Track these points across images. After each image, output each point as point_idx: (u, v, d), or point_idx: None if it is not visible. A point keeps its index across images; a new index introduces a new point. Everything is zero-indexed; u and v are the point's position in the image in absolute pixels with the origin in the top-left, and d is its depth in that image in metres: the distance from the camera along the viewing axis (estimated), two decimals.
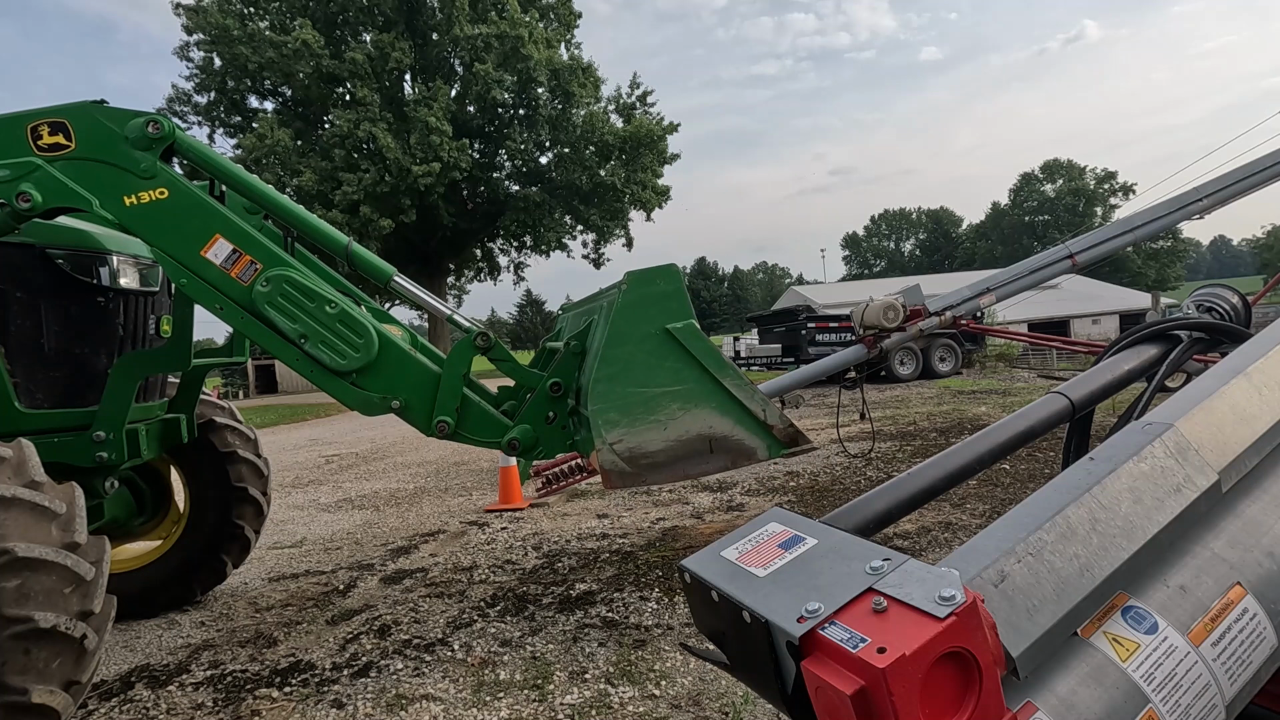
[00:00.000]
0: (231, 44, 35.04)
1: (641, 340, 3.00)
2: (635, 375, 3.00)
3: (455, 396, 3.38)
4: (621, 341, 3.00)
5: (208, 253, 3.24)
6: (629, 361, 3.00)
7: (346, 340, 3.27)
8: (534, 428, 3.40)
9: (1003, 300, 6.90)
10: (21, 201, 3.00)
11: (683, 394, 3.01)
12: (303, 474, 10.77)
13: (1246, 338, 1.13)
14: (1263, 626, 0.74)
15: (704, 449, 3.02)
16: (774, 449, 3.08)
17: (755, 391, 3.09)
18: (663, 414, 2.99)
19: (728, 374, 3.04)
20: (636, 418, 2.98)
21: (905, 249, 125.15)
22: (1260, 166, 6.61)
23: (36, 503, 2.58)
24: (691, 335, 3.02)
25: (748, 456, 3.08)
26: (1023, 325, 28.95)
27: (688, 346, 3.01)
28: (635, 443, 2.98)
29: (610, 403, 2.99)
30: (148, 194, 3.20)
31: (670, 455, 3.01)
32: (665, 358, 3.01)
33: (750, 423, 3.05)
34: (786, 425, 3.08)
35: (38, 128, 3.15)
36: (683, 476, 3.08)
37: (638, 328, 3.01)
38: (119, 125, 3.19)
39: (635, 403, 2.99)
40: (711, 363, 3.03)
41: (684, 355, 3.01)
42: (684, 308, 3.05)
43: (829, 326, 20.28)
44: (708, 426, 3.02)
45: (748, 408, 3.05)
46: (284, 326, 3.24)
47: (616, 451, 2.97)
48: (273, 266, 3.25)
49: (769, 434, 3.06)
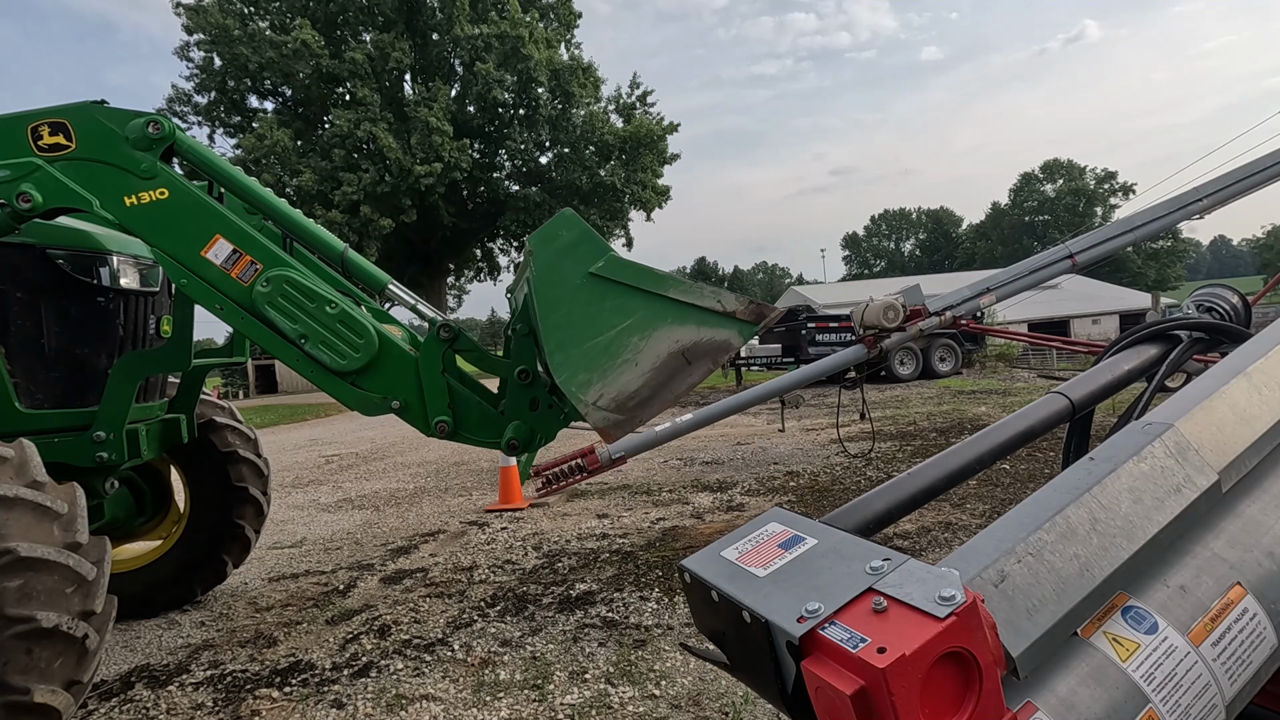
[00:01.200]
0: (231, 44, 35.04)
1: (572, 296, 2.92)
2: (584, 330, 2.92)
3: (442, 395, 3.36)
4: (554, 306, 2.93)
5: (208, 253, 3.24)
6: (570, 321, 2.93)
7: (346, 341, 3.26)
8: (524, 421, 3.36)
9: (1003, 300, 6.88)
10: (22, 202, 3.00)
11: (636, 324, 2.92)
12: (303, 474, 10.78)
13: (1246, 338, 1.13)
14: (1263, 626, 0.74)
15: (680, 364, 2.94)
16: (745, 330, 2.99)
17: (702, 288, 3.00)
18: (627, 352, 2.92)
19: (668, 285, 2.95)
20: (605, 368, 2.91)
21: (905, 249, 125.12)
22: (1260, 166, 6.60)
23: (38, 503, 2.58)
24: (616, 267, 2.94)
25: (724, 349, 2.99)
26: (1023, 325, 28.95)
27: (618, 279, 2.93)
28: (615, 391, 2.91)
29: (574, 367, 2.92)
30: (148, 194, 3.20)
31: (653, 386, 2.93)
32: (603, 300, 2.93)
33: (712, 318, 2.96)
34: (746, 305, 2.98)
35: (38, 128, 3.15)
36: (675, 399, 2.99)
37: (562, 286, 2.93)
38: (119, 126, 3.19)
39: (596, 354, 2.91)
40: (649, 282, 2.95)
41: (619, 288, 2.93)
42: (596, 246, 2.96)
43: (829, 326, 20.24)
44: (674, 342, 2.94)
45: (703, 306, 2.95)
46: (284, 327, 3.24)
47: (602, 408, 2.91)
48: (273, 267, 3.25)
49: (733, 320, 2.97)
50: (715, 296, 2.97)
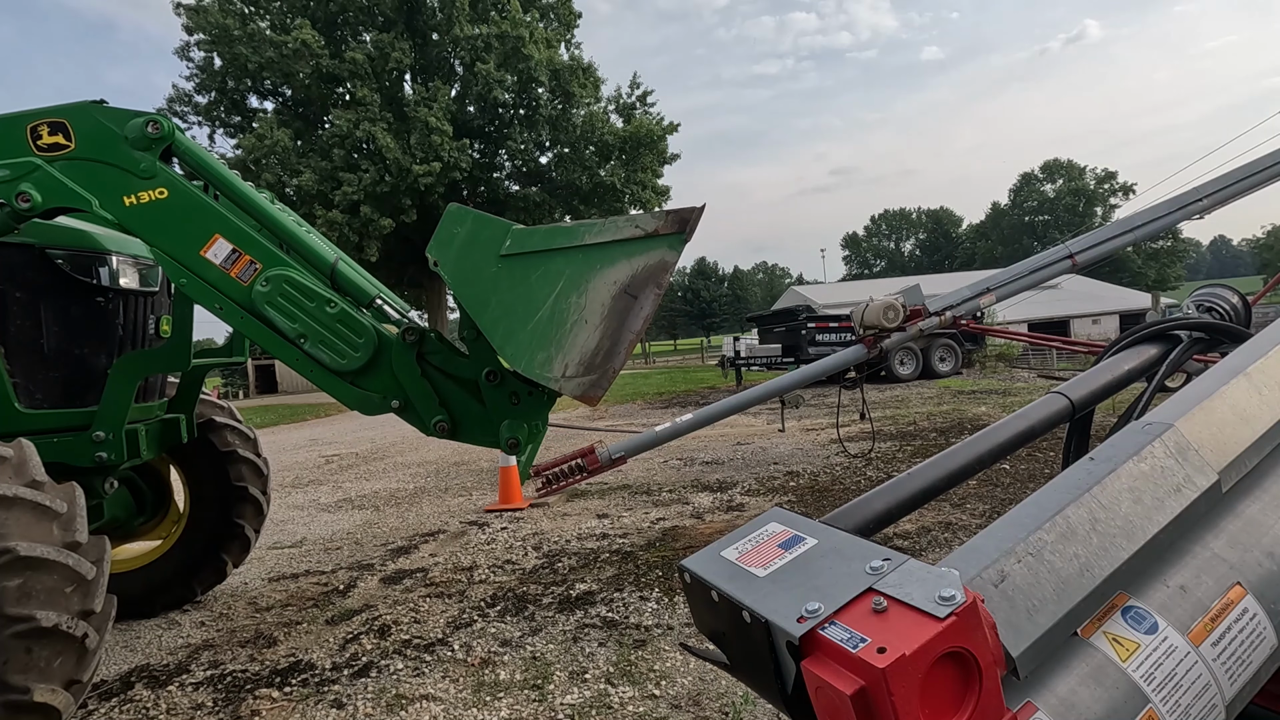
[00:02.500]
0: (232, 44, 35.05)
1: (495, 285, 2.89)
2: (521, 313, 2.89)
3: (429, 396, 3.35)
4: (483, 304, 2.90)
5: (207, 253, 3.24)
6: (505, 310, 2.89)
7: (346, 340, 3.26)
8: (512, 418, 3.34)
9: (1003, 300, 6.88)
10: (21, 201, 3.00)
11: (568, 284, 2.88)
12: (303, 474, 10.78)
13: (1246, 338, 1.13)
14: (1263, 626, 0.74)
15: (627, 302, 2.89)
16: (674, 243, 2.92)
17: (617, 220, 2.96)
18: (572, 314, 2.88)
19: (581, 233, 2.92)
20: (558, 338, 2.88)
21: (905, 249, 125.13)
22: (1260, 166, 6.60)
23: (38, 502, 2.58)
24: (524, 240, 2.90)
25: (662, 270, 2.92)
26: (1023, 325, 28.96)
27: (531, 249, 2.90)
28: (577, 356, 2.88)
29: (529, 351, 2.89)
30: (147, 194, 3.20)
31: (611, 334, 2.89)
32: (527, 275, 2.89)
33: (639, 245, 2.91)
34: (666, 218, 2.92)
35: (37, 128, 3.15)
36: (637, 336, 2.94)
37: (481, 281, 2.90)
38: (119, 125, 3.19)
39: (544, 330, 2.88)
40: (562, 239, 2.92)
41: (537, 258, 2.90)
42: (495, 229, 2.92)
43: (829, 326, 20.24)
44: (612, 284, 2.89)
45: (624, 239, 2.91)
46: (283, 326, 3.24)
47: (572, 376, 2.88)
48: (272, 266, 3.25)
49: (659, 239, 2.91)
50: (632, 223, 2.93)
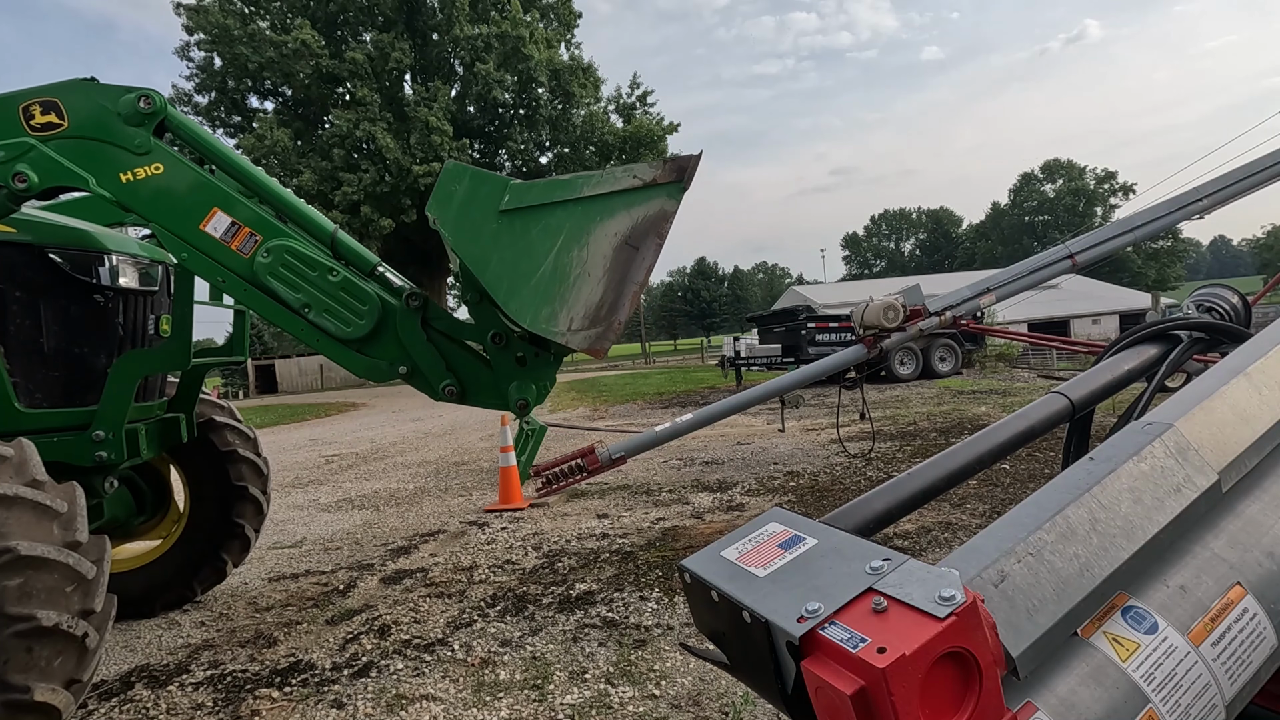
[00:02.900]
0: (232, 44, 35.05)
1: (496, 242, 2.87)
2: (524, 269, 2.87)
3: (437, 361, 3.35)
4: (484, 262, 2.87)
5: (206, 226, 3.24)
6: (507, 266, 2.88)
7: (350, 308, 3.27)
8: (520, 379, 3.35)
9: (1003, 300, 6.89)
10: (18, 182, 3.00)
11: (569, 238, 2.87)
12: (303, 474, 10.78)
13: (1246, 338, 1.13)
14: (1263, 626, 0.74)
15: (629, 253, 2.88)
16: (673, 192, 2.91)
17: (614, 171, 2.94)
18: (575, 267, 2.86)
19: (579, 186, 2.90)
20: (561, 292, 2.86)
21: (905, 249, 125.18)
22: (1260, 166, 6.60)
23: (38, 502, 2.58)
24: (523, 194, 2.88)
25: (662, 220, 2.92)
26: (1023, 325, 28.95)
27: (530, 204, 2.88)
28: (582, 309, 2.87)
29: (533, 306, 2.87)
30: (143, 170, 3.21)
31: (614, 286, 2.89)
32: (527, 230, 2.87)
33: (638, 195, 2.90)
34: (663, 166, 2.91)
35: (29, 107, 3.14)
36: (640, 287, 2.94)
37: (481, 239, 2.87)
38: (111, 102, 3.19)
39: (547, 285, 2.86)
40: (560, 192, 2.89)
41: (536, 212, 2.88)
42: (493, 186, 2.89)
43: (829, 326, 20.24)
44: (613, 236, 2.88)
45: (622, 189, 2.89)
46: (287, 297, 3.24)
47: (577, 329, 2.88)
48: (272, 237, 3.25)
49: (657, 188, 2.91)
50: (629, 173, 2.91)
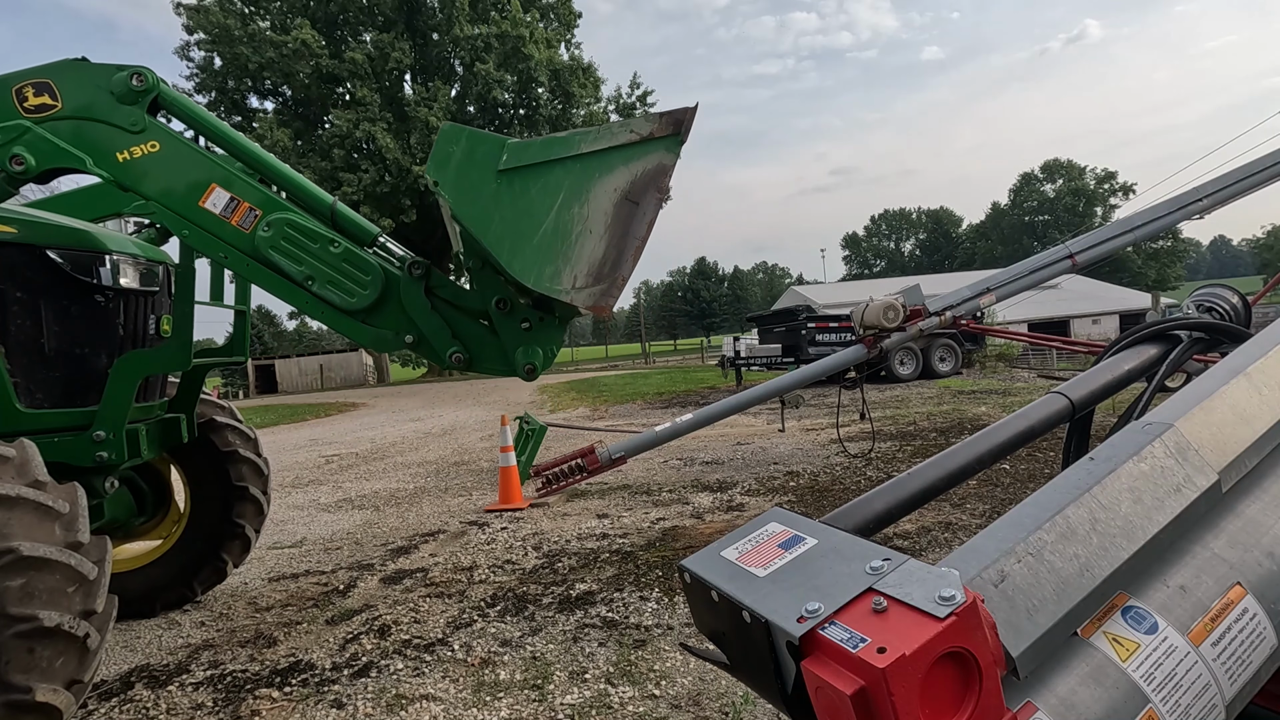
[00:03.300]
0: (232, 44, 35.08)
1: (496, 202, 2.86)
2: (525, 228, 2.86)
3: (443, 329, 3.36)
4: (486, 222, 2.86)
5: (206, 203, 3.25)
6: (508, 225, 2.86)
7: (353, 279, 3.27)
8: (526, 345, 3.35)
9: (1003, 300, 6.90)
10: (15, 165, 3.00)
11: (569, 195, 2.86)
12: (303, 474, 10.78)
13: (1246, 338, 1.13)
14: (1263, 626, 0.74)
15: (630, 208, 2.87)
16: (671, 145, 2.89)
17: (611, 126, 2.93)
18: (576, 224, 2.86)
19: (578, 142, 2.89)
20: (564, 250, 2.86)
21: (905, 249, 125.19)
22: (1260, 166, 6.61)
23: (40, 502, 2.59)
24: (521, 153, 2.87)
25: (661, 174, 2.90)
26: (1023, 325, 28.94)
27: (529, 163, 2.87)
28: (585, 266, 2.87)
29: (536, 265, 2.86)
30: (139, 148, 3.21)
31: (616, 242, 2.88)
32: (526, 190, 2.86)
33: (635, 150, 2.88)
34: (659, 120, 2.89)
35: (22, 89, 3.14)
36: (642, 243, 2.93)
37: (481, 199, 2.86)
38: (103, 81, 3.18)
39: (549, 243, 2.86)
40: (558, 150, 2.88)
41: (535, 170, 2.87)
42: (491, 146, 2.88)
43: (829, 326, 20.23)
44: (613, 191, 2.87)
45: (620, 144, 2.88)
46: (290, 270, 3.24)
47: (581, 287, 2.87)
48: (272, 211, 3.26)
49: (655, 141, 2.89)
50: (627, 128, 2.90)
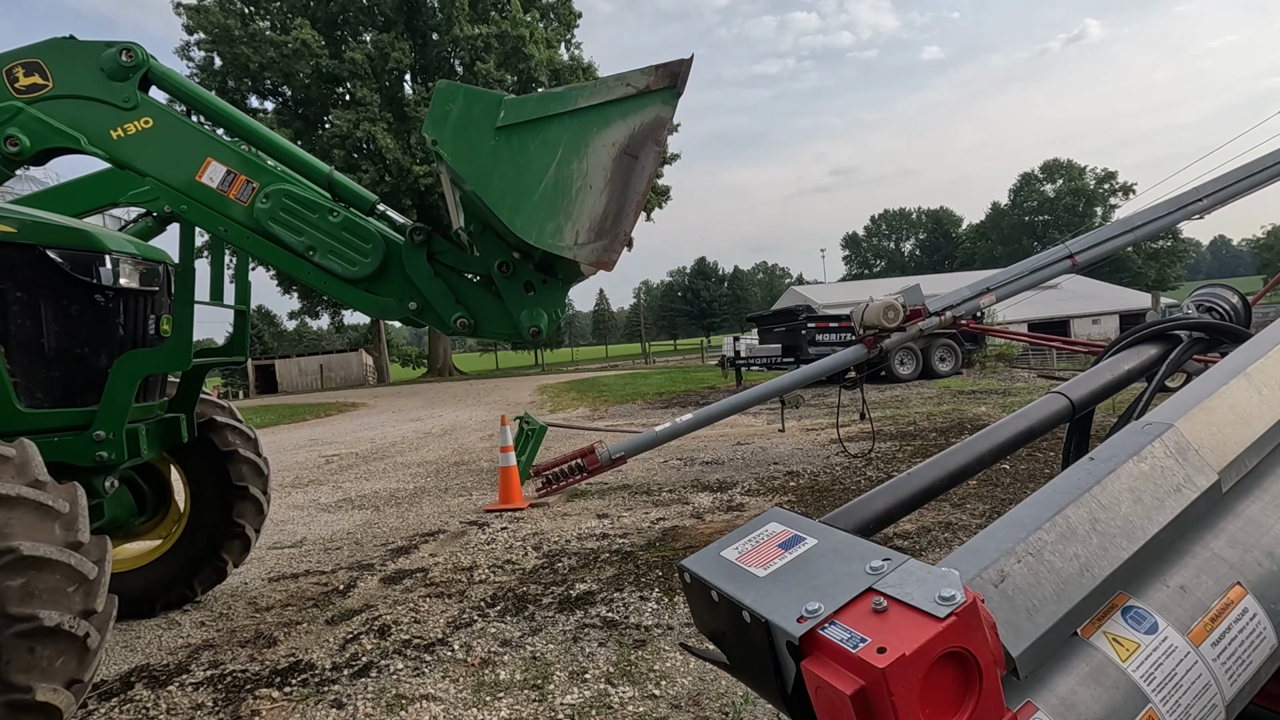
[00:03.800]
0: (232, 44, 35.09)
1: (496, 158, 2.85)
2: (525, 184, 2.86)
3: (446, 294, 3.36)
4: (486, 179, 2.86)
5: (202, 177, 3.26)
6: (508, 182, 2.86)
7: (354, 247, 3.28)
8: (529, 307, 3.35)
9: (1003, 300, 6.90)
10: (10, 146, 3.00)
11: (568, 151, 2.86)
12: (303, 474, 10.77)
13: (1246, 338, 1.13)
14: (1263, 626, 0.74)
15: (629, 162, 2.88)
16: (667, 98, 2.89)
17: (606, 80, 2.92)
18: (575, 180, 2.86)
19: (574, 97, 2.89)
20: (565, 206, 2.86)
21: (905, 249, 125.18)
22: (1260, 166, 6.61)
23: (40, 502, 2.59)
24: (518, 110, 2.86)
25: (659, 126, 2.91)
26: (1023, 325, 28.95)
27: (527, 119, 2.87)
28: (586, 222, 2.87)
29: (537, 222, 2.86)
30: (133, 125, 3.22)
31: (617, 197, 2.88)
32: (525, 145, 2.86)
33: (632, 104, 2.88)
34: (655, 72, 2.89)
35: (12, 70, 3.14)
36: (643, 198, 2.93)
37: (481, 156, 2.85)
38: (93, 58, 3.18)
39: (550, 199, 2.86)
40: (555, 105, 2.88)
41: (533, 126, 2.87)
42: (488, 101, 2.87)
43: (829, 326, 20.23)
44: (611, 146, 2.87)
45: (616, 98, 2.88)
46: (290, 240, 3.25)
47: (583, 243, 2.87)
48: (269, 183, 3.26)
49: (652, 94, 2.89)
50: (623, 81, 2.90)
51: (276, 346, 70.68)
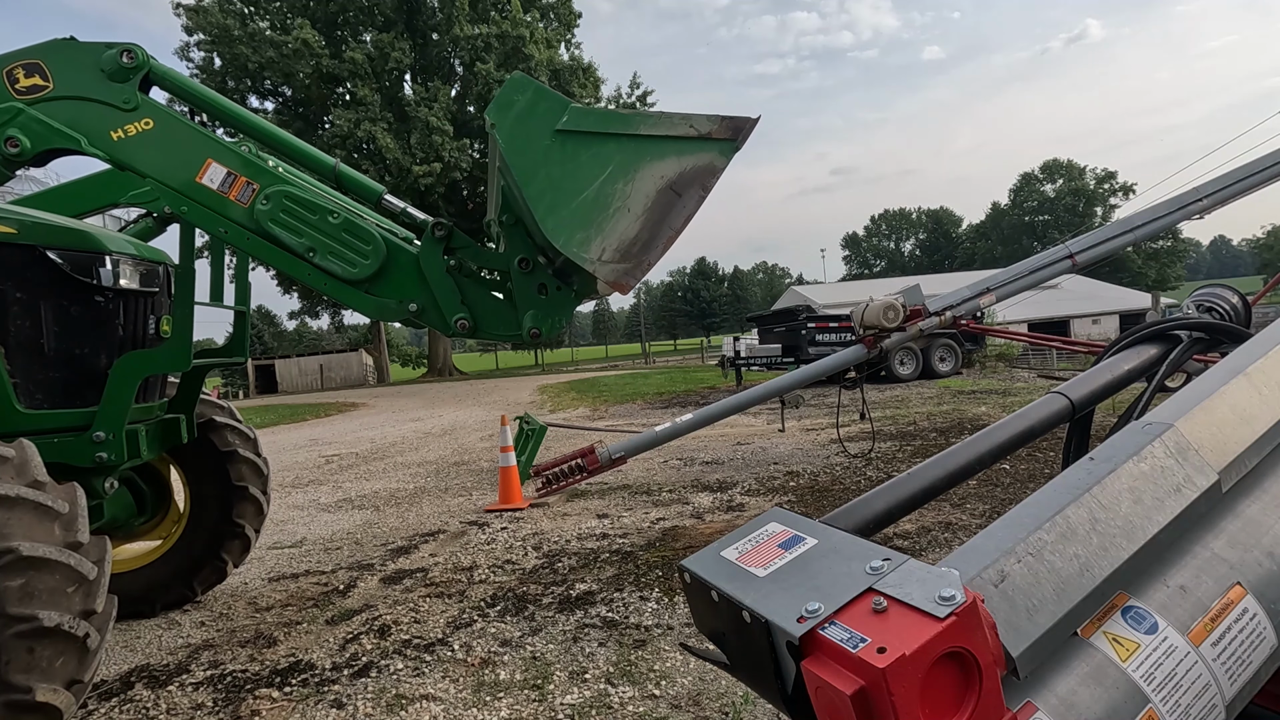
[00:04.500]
0: (232, 44, 35.10)
1: (547, 158, 2.88)
2: (568, 189, 2.88)
3: (453, 293, 3.37)
4: (532, 174, 2.88)
5: (203, 178, 3.27)
6: (552, 183, 2.88)
7: (354, 249, 3.29)
8: (538, 308, 3.36)
9: (1003, 300, 6.89)
10: (10, 147, 3.01)
11: (617, 170, 2.88)
12: (303, 474, 10.77)
13: (1246, 338, 1.13)
14: (1263, 626, 0.74)
15: (671, 198, 2.90)
16: (725, 149, 2.93)
17: (671, 116, 2.94)
18: (616, 200, 2.88)
19: (638, 123, 2.91)
20: (599, 220, 2.88)
21: (905, 249, 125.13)
22: (1260, 166, 6.60)
23: (40, 502, 2.59)
24: (580, 118, 2.89)
25: (710, 173, 2.93)
26: (1023, 325, 28.94)
27: (586, 129, 2.89)
28: (616, 241, 2.89)
29: (569, 228, 2.88)
30: (133, 126, 3.22)
31: (651, 226, 2.90)
32: (578, 154, 2.88)
33: (690, 145, 2.91)
34: (720, 122, 2.92)
35: (13, 71, 3.14)
36: (676, 234, 2.95)
37: (534, 151, 2.88)
38: (94, 59, 3.19)
39: (587, 209, 2.87)
40: (617, 125, 2.91)
41: (590, 138, 2.89)
42: (555, 103, 2.90)
43: (829, 326, 20.23)
44: (659, 178, 2.89)
45: (677, 135, 2.90)
46: (290, 242, 3.26)
47: (608, 260, 2.88)
48: (270, 184, 3.27)
49: (712, 141, 2.92)
50: (687, 122, 2.92)
51: (276, 346, 70.69)
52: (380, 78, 36.37)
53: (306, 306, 50.59)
